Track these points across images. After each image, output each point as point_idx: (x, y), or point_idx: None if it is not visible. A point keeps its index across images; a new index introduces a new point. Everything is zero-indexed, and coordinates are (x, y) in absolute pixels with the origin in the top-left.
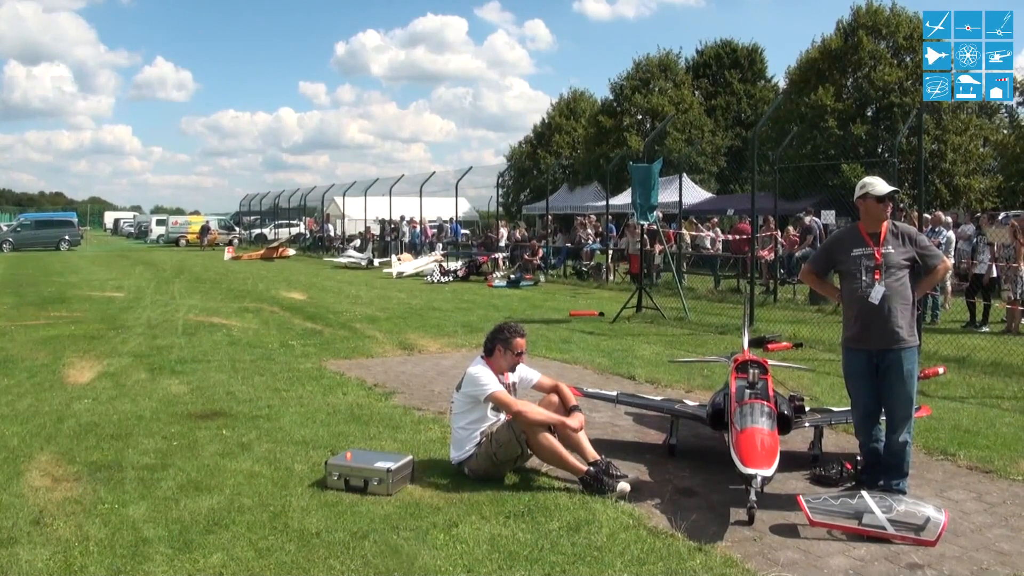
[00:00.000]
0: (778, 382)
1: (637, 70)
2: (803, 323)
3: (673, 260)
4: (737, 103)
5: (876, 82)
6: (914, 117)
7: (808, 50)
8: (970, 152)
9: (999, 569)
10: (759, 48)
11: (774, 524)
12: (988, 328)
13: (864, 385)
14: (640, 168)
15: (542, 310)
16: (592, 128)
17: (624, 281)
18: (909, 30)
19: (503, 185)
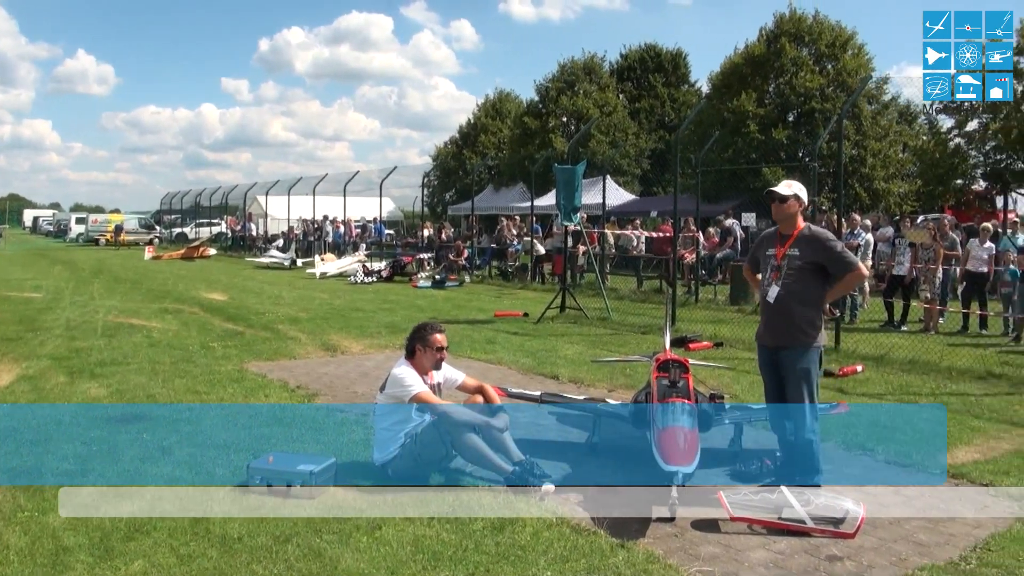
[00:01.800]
0: (699, 381)
1: (562, 72)
2: (724, 323)
3: (596, 261)
4: (661, 107)
5: (798, 88)
6: (834, 123)
7: (731, 56)
8: (890, 157)
9: (917, 559)
10: (683, 53)
11: (696, 520)
12: (906, 327)
13: (769, 380)
14: (564, 170)
15: (467, 311)
16: (517, 129)
17: (549, 282)
18: (831, 38)
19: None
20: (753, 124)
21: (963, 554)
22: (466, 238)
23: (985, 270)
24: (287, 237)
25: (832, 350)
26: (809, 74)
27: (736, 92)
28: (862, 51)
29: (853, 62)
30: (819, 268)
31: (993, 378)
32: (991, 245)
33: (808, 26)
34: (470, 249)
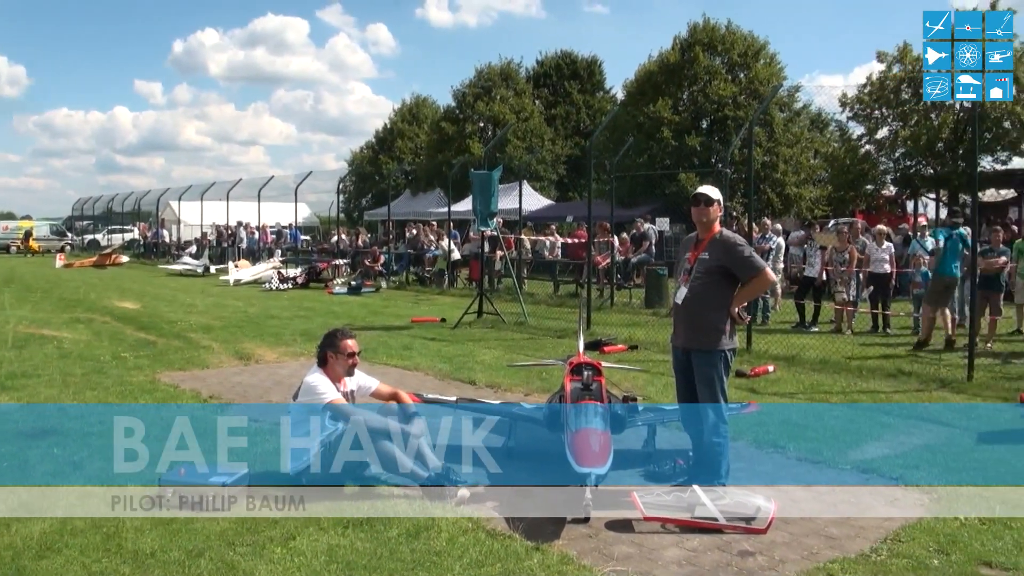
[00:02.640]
0: (613, 383)
1: (479, 78)
2: (638, 326)
3: (513, 266)
4: (577, 113)
5: (711, 96)
6: (745, 130)
7: (645, 63)
8: (801, 163)
9: (828, 553)
10: (598, 60)
11: (609, 521)
12: (817, 328)
13: (681, 381)
14: (480, 175)
15: (383, 317)
16: (434, 134)
17: (466, 287)
18: (743, 47)
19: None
20: (667, 130)
21: (874, 546)
22: (382, 243)
23: (887, 270)
24: (200, 243)
25: (744, 351)
26: (722, 82)
27: (651, 99)
28: (774, 60)
29: (765, 71)
30: (727, 272)
31: (903, 376)
32: (889, 245)
33: (721, 35)
34: (386, 255)
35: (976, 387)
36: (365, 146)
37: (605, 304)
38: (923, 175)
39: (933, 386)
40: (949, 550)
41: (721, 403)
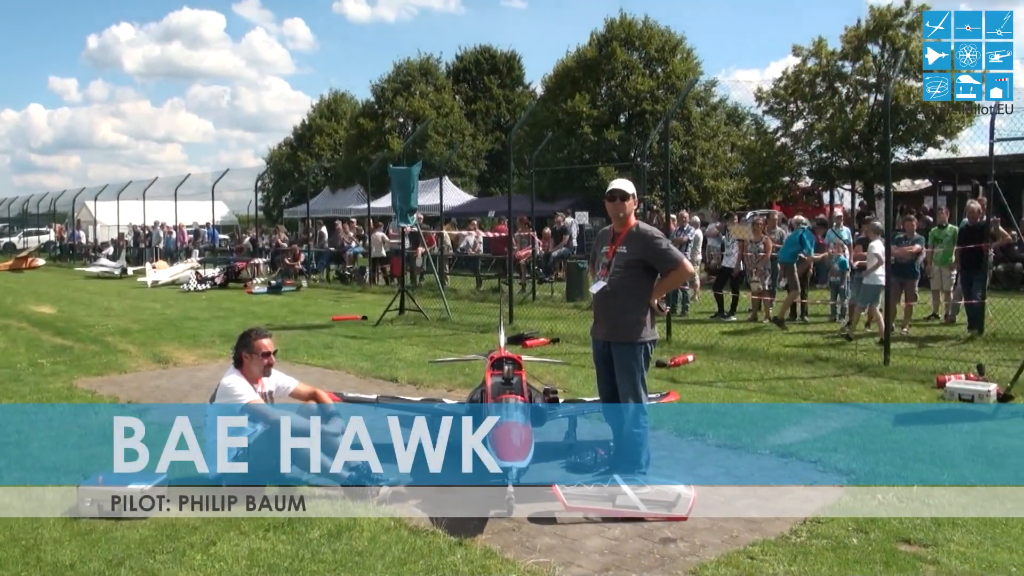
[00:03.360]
0: (535, 377)
1: (398, 73)
2: (560, 319)
3: (435, 262)
4: (497, 108)
5: (629, 91)
6: (662, 124)
7: (564, 59)
8: (718, 156)
9: (748, 536)
10: (517, 55)
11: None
12: (735, 318)
13: (602, 372)
14: (399, 171)
15: (304, 316)
16: (353, 130)
17: (388, 284)
18: (660, 43)
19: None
20: (586, 125)
21: (793, 528)
22: (302, 241)
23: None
24: (117, 245)
25: (664, 341)
26: (640, 77)
27: (569, 94)
28: (691, 55)
29: (682, 66)
30: (645, 265)
31: (820, 362)
32: None
33: (638, 31)
34: (306, 253)
35: (893, 371)
36: (283, 143)
37: (527, 298)
38: (838, 167)
39: (850, 371)
40: (868, 529)
41: (641, 394)
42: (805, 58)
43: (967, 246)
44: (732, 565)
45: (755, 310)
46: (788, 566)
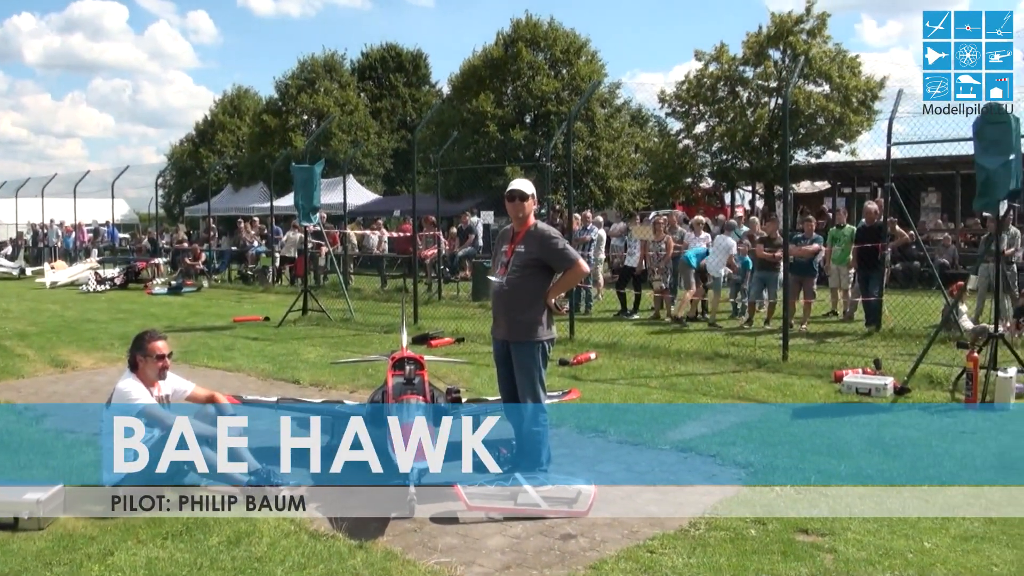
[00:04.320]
0: (439, 377)
1: (302, 69)
2: (465, 319)
3: (339, 261)
4: (403, 106)
5: (534, 91)
6: (566, 124)
7: (470, 58)
8: (622, 158)
9: (648, 530)
10: (423, 54)
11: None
12: (638, 316)
13: (502, 371)
14: (302, 169)
15: (204, 317)
16: (257, 127)
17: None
18: (566, 44)
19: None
20: (492, 124)
21: (692, 521)
22: (203, 240)
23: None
24: (16, 244)
25: (568, 340)
26: (545, 78)
27: (475, 93)
28: (595, 58)
29: (587, 68)
30: (543, 264)
31: (720, 358)
32: (707, 235)
33: (544, 32)
34: (208, 252)
35: (791, 366)
36: (185, 139)
37: (433, 298)
38: (739, 168)
39: (749, 367)
40: (766, 520)
41: (540, 392)
42: (707, 63)
43: (864, 245)
44: (632, 560)
45: (657, 308)
46: (687, 559)
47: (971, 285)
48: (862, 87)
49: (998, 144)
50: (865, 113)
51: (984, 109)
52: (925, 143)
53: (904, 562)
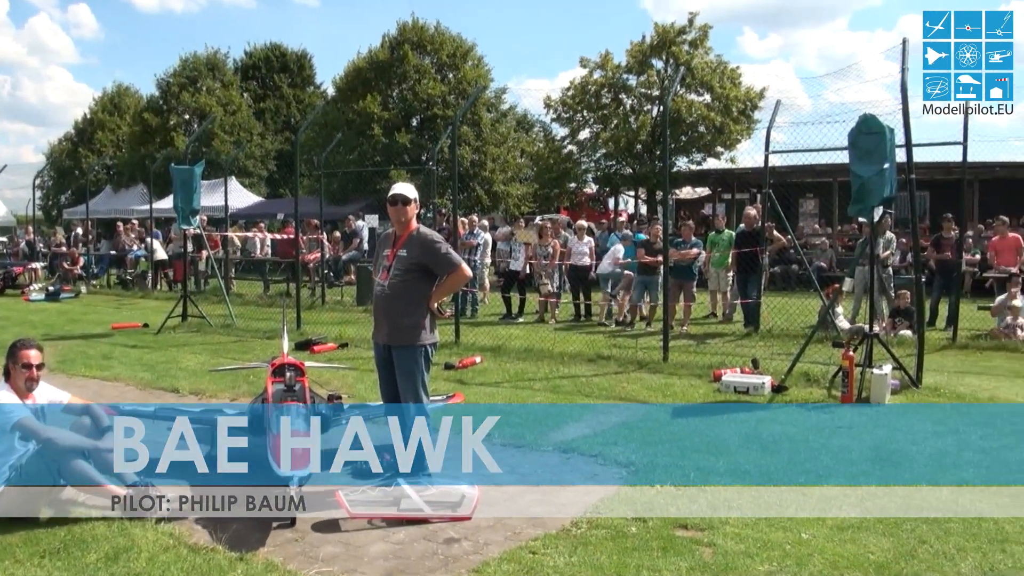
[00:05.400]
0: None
1: (184, 67)
2: (350, 323)
3: (220, 266)
4: (287, 107)
5: (420, 94)
6: (451, 128)
7: (356, 60)
8: (508, 162)
9: (531, 531)
10: (308, 54)
11: (316, 522)
12: (523, 319)
13: (384, 376)
14: (182, 170)
15: (82, 324)
16: (137, 126)
17: (173, 289)
18: (452, 49)
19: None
20: (377, 127)
21: (574, 520)
22: (82, 244)
23: (587, 263)
24: None
25: (453, 344)
26: (431, 82)
27: (361, 96)
28: (481, 62)
29: (473, 72)
30: (426, 268)
31: (603, 360)
32: (590, 239)
33: (430, 36)
34: (86, 256)
35: (672, 367)
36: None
37: (316, 303)
38: (623, 174)
39: (631, 368)
40: (646, 517)
41: (423, 396)
42: (592, 70)
43: (743, 250)
44: (514, 561)
45: (542, 312)
46: (568, 558)
47: (847, 287)
48: (742, 97)
49: (872, 153)
50: (745, 122)
51: (859, 120)
52: (802, 152)
53: (782, 553)
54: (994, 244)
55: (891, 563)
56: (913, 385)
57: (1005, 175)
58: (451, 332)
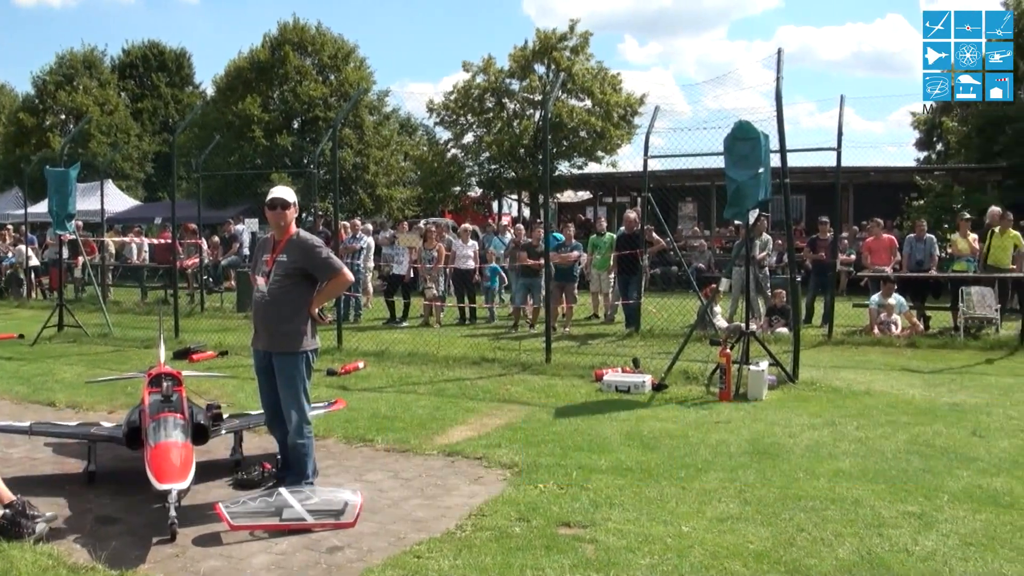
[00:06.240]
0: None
1: (60, 65)
2: (230, 331)
3: (97, 272)
4: (165, 107)
5: (302, 96)
6: (333, 130)
7: (236, 60)
8: (391, 165)
9: (415, 536)
10: (187, 53)
11: (197, 536)
12: (407, 323)
13: (264, 383)
14: (56, 173)
15: None
16: (12, 126)
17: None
18: (333, 50)
19: None
20: (258, 129)
21: (459, 523)
22: None
23: (472, 266)
24: None
25: (335, 349)
26: (312, 83)
27: (241, 96)
28: (364, 65)
29: (355, 74)
30: (306, 273)
31: (487, 363)
32: (474, 243)
33: (311, 36)
34: None
35: (555, 368)
36: None
37: (195, 309)
38: (506, 178)
39: (515, 370)
40: (530, 517)
41: (304, 404)
42: (475, 74)
43: (623, 252)
44: (398, 567)
45: (426, 316)
46: (453, 561)
47: (724, 287)
48: (623, 103)
49: (747, 159)
50: (625, 127)
51: (734, 126)
52: (681, 156)
53: (663, 547)
54: (868, 245)
55: (770, 551)
56: (789, 380)
57: (879, 179)
58: (333, 337)
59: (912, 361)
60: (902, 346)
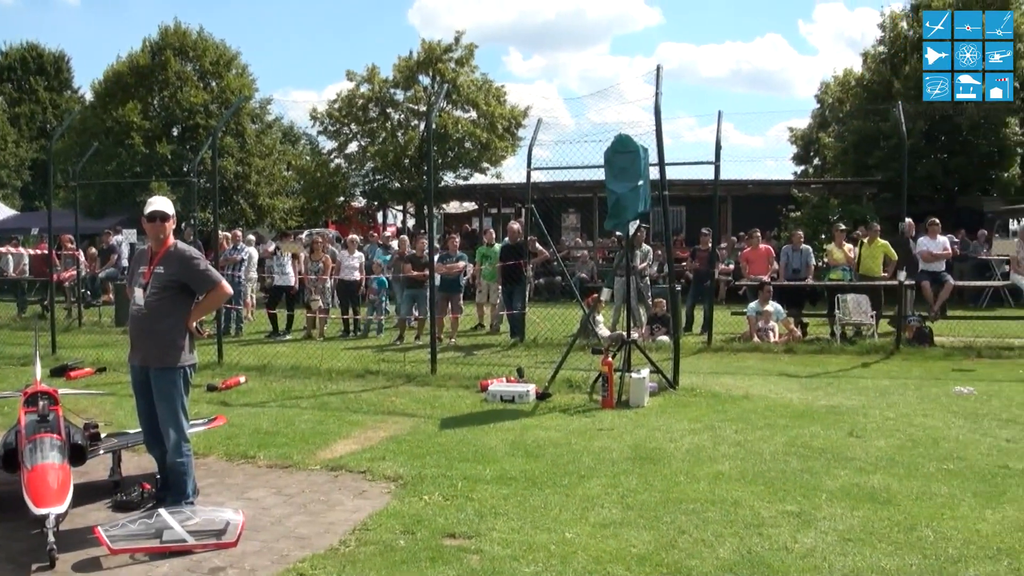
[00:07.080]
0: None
1: None
2: (109, 346)
3: None
4: (43, 112)
5: (183, 102)
6: (213, 138)
7: (115, 64)
8: (274, 175)
9: (299, 553)
10: (66, 56)
11: (77, 561)
12: (291, 336)
13: (141, 401)
14: None
15: None
16: None
17: None
18: (215, 56)
19: None
20: (137, 136)
21: (343, 539)
22: None
23: (357, 277)
24: None
25: (216, 364)
26: (193, 89)
27: (121, 102)
28: (246, 72)
29: (237, 81)
30: (184, 286)
31: (371, 375)
32: (360, 255)
33: (193, 42)
34: None
35: (440, 379)
36: None
37: (73, 324)
38: (391, 188)
39: (399, 382)
40: (415, 529)
41: (182, 421)
42: (359, 83)
43: (507, 263)
44: None
45: (309, 328)
46: None
47: (606, 297)
48: (507, 115)
49: (627, 171)
50: (510, 139)
51: (614, 140)
52: (563, 168)
53: (547, 554)
54: (747, 255)
55: (652, 554)
56: (670, 387)
57: (757, 191)
58: (213, 352)
59: (790, 366)
60: (780, 352)
